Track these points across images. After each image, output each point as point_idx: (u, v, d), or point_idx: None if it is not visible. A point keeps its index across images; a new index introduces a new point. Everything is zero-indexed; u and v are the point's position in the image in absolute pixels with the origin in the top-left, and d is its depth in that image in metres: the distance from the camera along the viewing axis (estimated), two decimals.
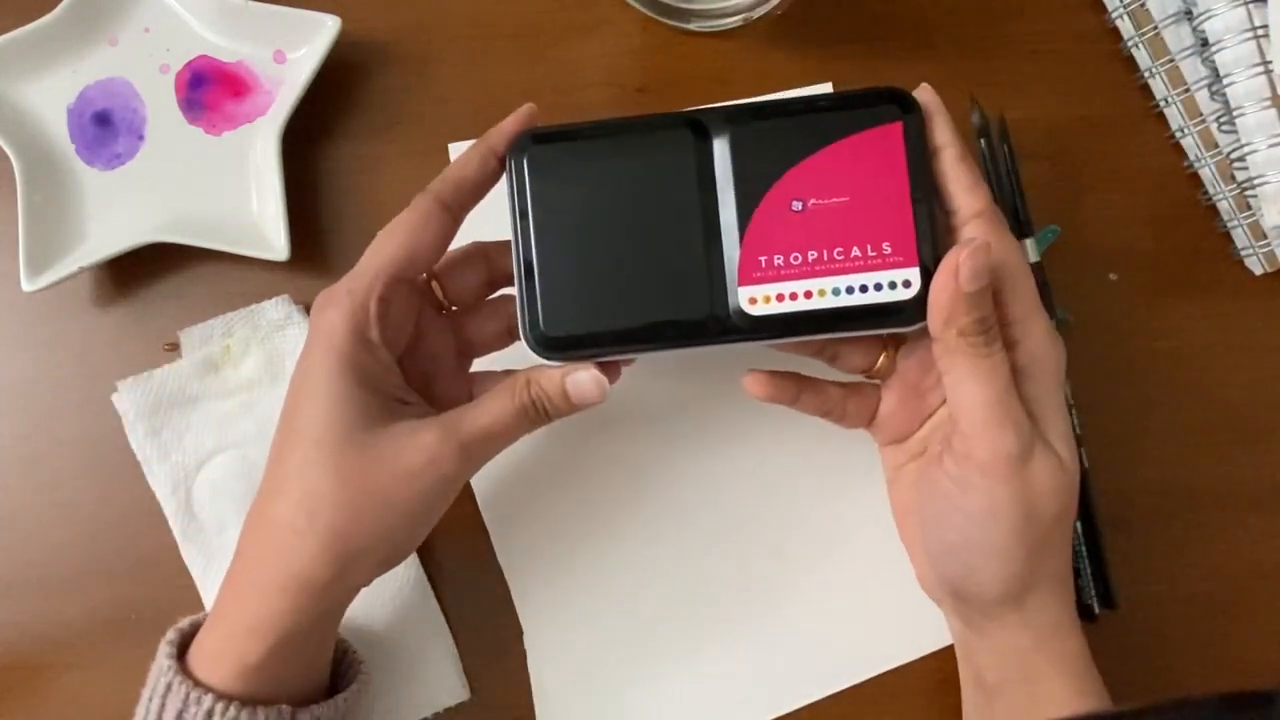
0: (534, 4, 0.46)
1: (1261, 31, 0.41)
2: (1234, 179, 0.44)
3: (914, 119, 0.33)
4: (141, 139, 0.44)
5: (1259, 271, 0.45)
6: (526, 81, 0.46)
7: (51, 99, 0.44)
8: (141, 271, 0.44)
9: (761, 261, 0.33)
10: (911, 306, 0.33)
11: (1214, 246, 0.46)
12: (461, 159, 0.35)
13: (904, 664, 0.42)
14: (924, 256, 0.32)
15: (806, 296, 0.33)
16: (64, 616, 0.43)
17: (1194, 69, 0.44)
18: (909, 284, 0.32)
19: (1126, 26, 0.46)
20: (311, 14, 0.43)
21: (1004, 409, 0.32)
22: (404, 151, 0.45)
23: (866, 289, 0.33)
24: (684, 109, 0.45)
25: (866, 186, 0.32)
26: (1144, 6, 0.45)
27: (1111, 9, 0.46)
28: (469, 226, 0.36)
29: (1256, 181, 0.42)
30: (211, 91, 0.45)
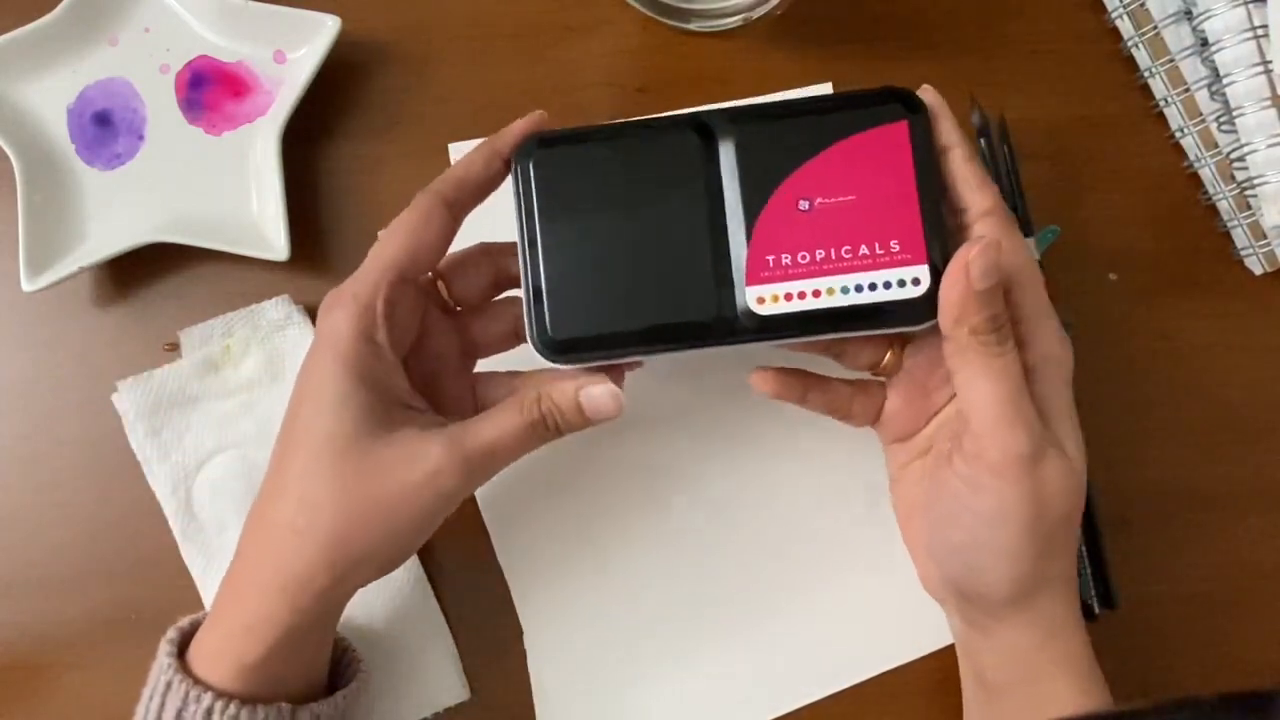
0: (534, 4, 0.46)
1: (1261, 31, 0.41)
2: (1234, 179, 0.44)
3: (919, 118, 0.33)
4: (141, 139, 0.44)
5: (1259, 271, 0.45)
6: (526, 81, 0.46)
7: (51, 99, 0.44)
8: (141, 271, 0.44)
9: (769, 261, 0.33)
10: (921, 304, 0.32)
11: (1214, 246, 0.46)
12: (466, 159, 0.35)
13: (904, 664, 0.42)
14: (932, 254, 0.32)
15: (815, 295, 0.33)
16: (64, 616, 0.43)
17: (1194, 69, 0.44)
18: (918, 281, 0.32)
19: (1126, 26, 0.46)
20: (311, 14, 0.43)
21: (1016, 409, 0.31)
22: (404, 151, 0.45)
23: (875, 287, 0.33)
24: (685, 109, 0.45)
25: (873, 185, 0.32)
26: (1144, 6, 0.45)
27: (1111, 9, 0.46)
28: (474, 227, 0.36)
29: (1256, 181, 0.42)
30: (211, 91, 0.45)
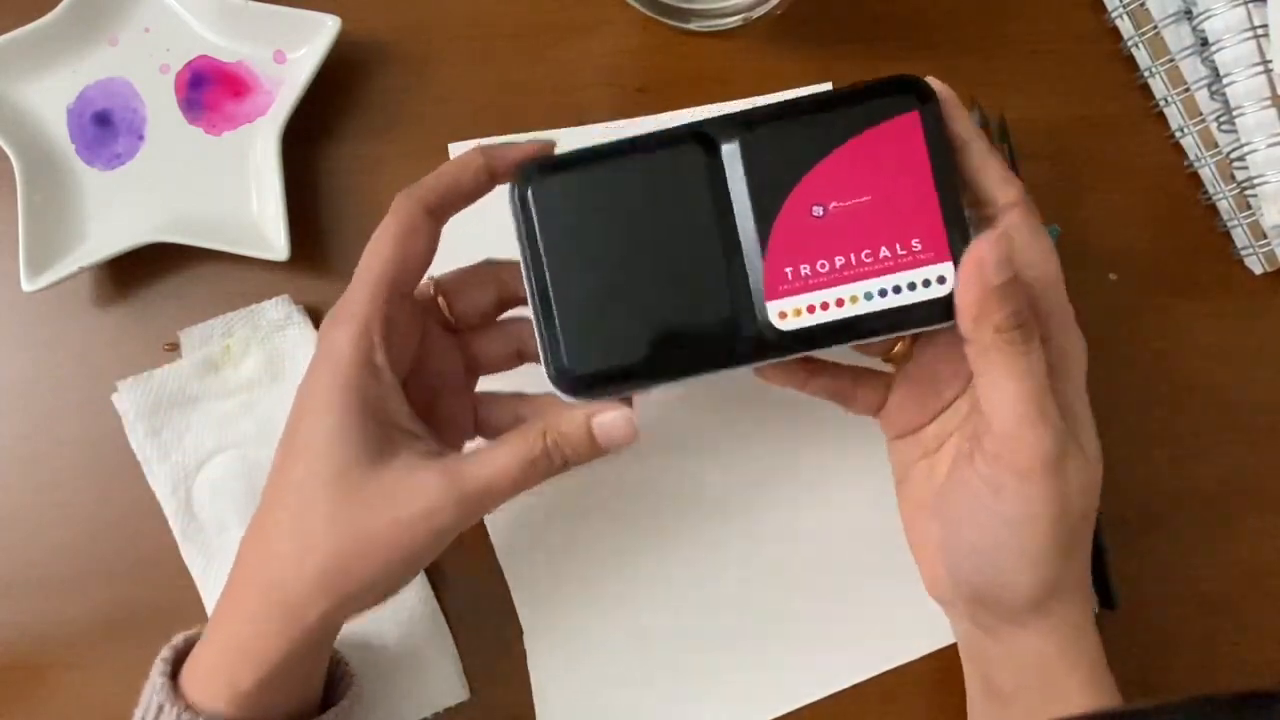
0: (534, 4, 0.46)
1: (1261, 31, 0.41)
2: (1234, 178, 0.44)
3: (930, 107, 0.31)
4: (141, 139, 0.44)
5: (1259, 271, 0.45)
6: (526, 81, 0.46)
7: (51, 99, 0.44)
8: (141, 271, 0.44)
9: (788, 273, 0.31)
10: (949, 303, 0.31)
11: (1214, 246, 0.46)
12: (453, 167, 0.34)
13: (904, 664, 0.42)
14: (956, 249, 0.31)
15: (838, 305, 0.31)
16: (64, 616, 0.43)
17: (1194, 69, 0.44)
18: (943, 280, 0.31)
19: (1126, 26, 0.46)
20: (311, 14, 0.43)
21: (1041, 409, 0.30)
22: (404, 151, 0.45)
23: (900, 290, 0.31)
24: (687, 111, 0.45)
25: (888, 182, 0.31)
26: (1144, 6, 0.45)
27: (1111, 9, 0.46)
28: (468, 235, 0.36)
29: (1256, 181, 0.42)
30: (211, 91, 0.45)
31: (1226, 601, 0.44)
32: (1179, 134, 0.46)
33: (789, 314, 0.31)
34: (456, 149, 0.45)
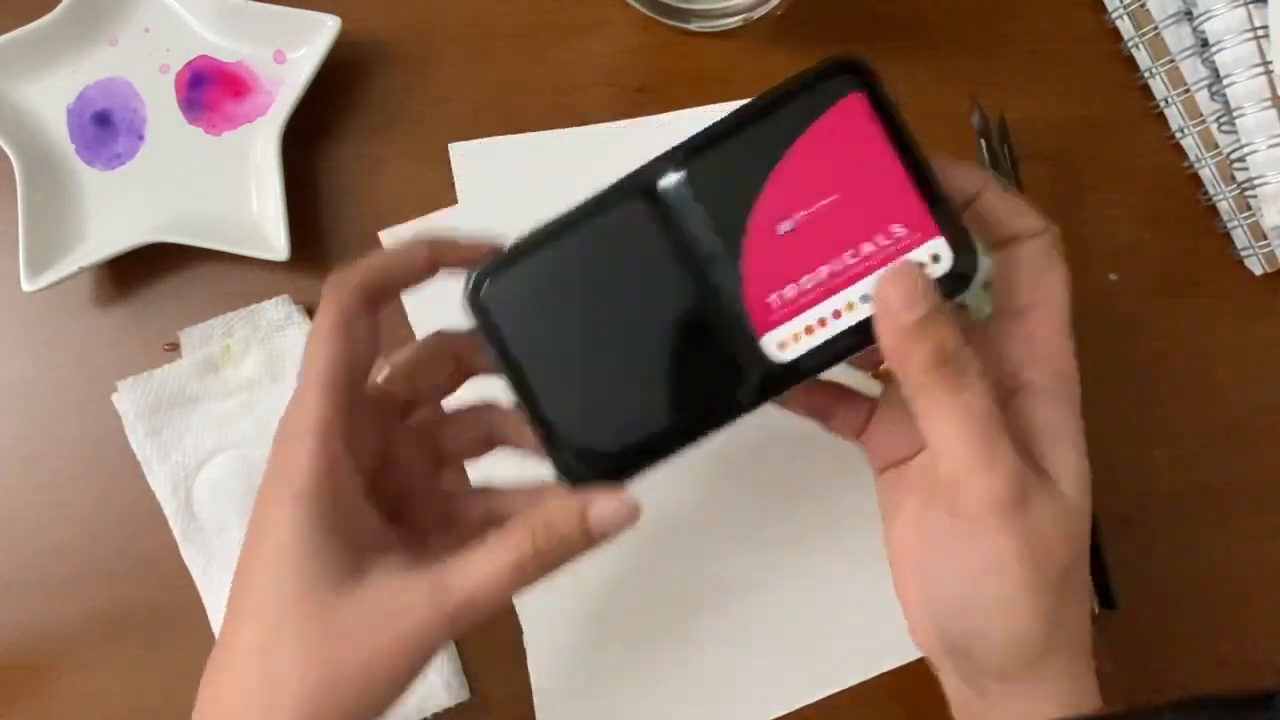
0: (534, 4, 0.46)
1: (1261, 32, 0.41)
2: (1234, 179, 0.44)
3: (873, 83, 0.28)
4: (141, 139, 0.44)
5: (1259, 271, 0.45)
6: (526, 81, 0.46)
7: (51, 99, 0.44)
8: (141, 271, 0.44)
9: (773, 301, 0.29)
10: (950, 279, 0.28)
11: (1214, 246, 0.46)
12: (391, 257, 0.31)
13: (903, 665, 0.42)
14: (942, 221, 0.28)
15: (835, 317, 0.29)
16: (64, 616, 0.43)
17: (1194, 69, 0.44)
18: (938, 257, 0.28)
19: (1126, 27, 0.46)
20: (311, 14, 0.43)
21: (987, 449, 0.27)
22: (404, 151, 0.45)
23: None
24: (689, 111, 0.45)
25: (851, 174, 0.28)
26: (1144, 7, 0.45)
27: (1111, 9, 0.46)
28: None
29: (1256, 182, 0.42)
30: (211, 91, 0.45)
31: (1226, 601, 0.44)
32: (1179, 135, 0.46)
33: (788, 342, 0.29)
34: (456, 149, 0.45)
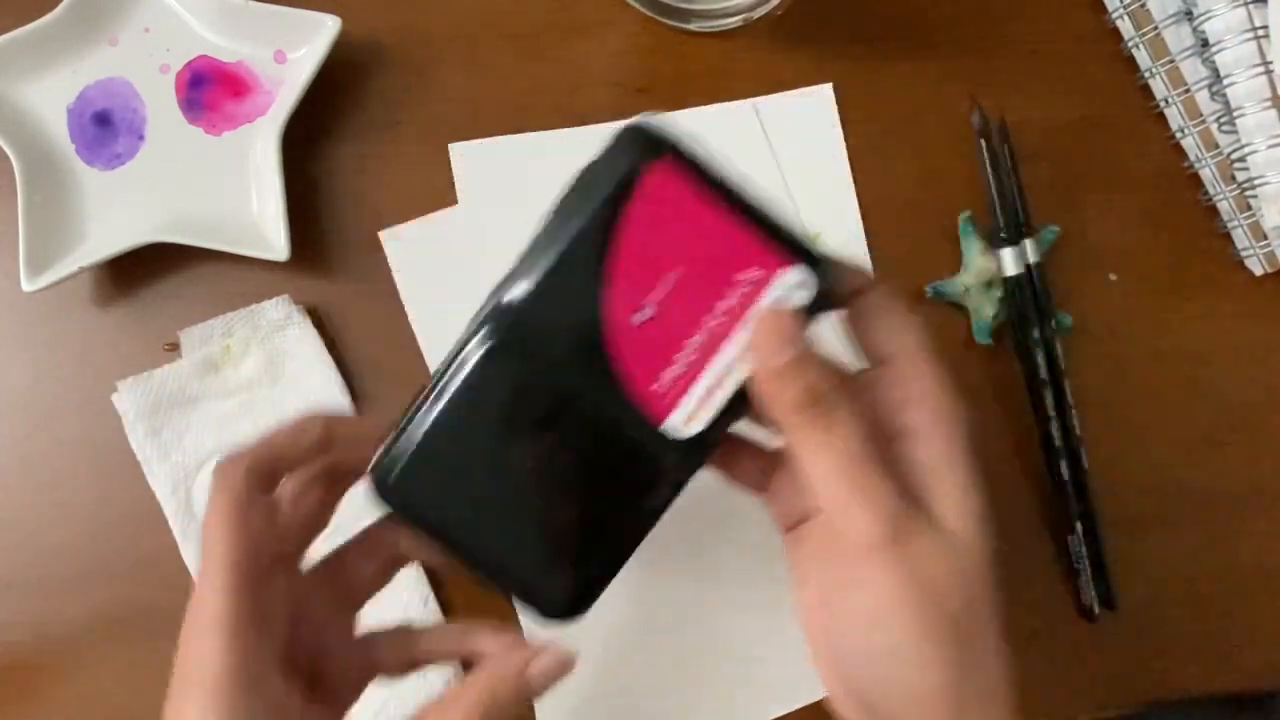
0: (534, 4, 0.46)
1: (1262, 32, 0.41)
2: (1234, 179, 0.44)
3: (671, 143, 0.27)
4: (141, 139, 0.44)
5: (1259, 271, 0.45)
6: (526, 81, 0.46)
7: (51, 99, 0.44)
8: (141, 271, 0.44)
9: (659, 388, 0.28)
10: (820, 297, 0.28)
11: (1214, 247, 0.46)
12: (285, 436, 0.31)
13: None
14: (787, 248, 0.27)
15: (724, 377, 0.28)
16: (64, 616, 0.43)
17: (1194, 69, 0.44)
18: (798, 284, 0.27)
19: (1127, 27, 0.46)
20: (311, 14, 0.43)
21: (860, 484, 0.27)
22: (404, 151, 0.45)
23: None
24: (689, 111, 0.45)
25: (684, 238, 0.27)
26: (1144, 7, 0.45)
27: (1112, 9, 0.46)
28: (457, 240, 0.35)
29: (1257, 182, 0.42)
30: (211, 91, 0.45)
31: (1226, 601, 0.44)
32: (1179, 135, 0.46)
33: (690, 417, 0.28)
34: (456, 149, 0.45)
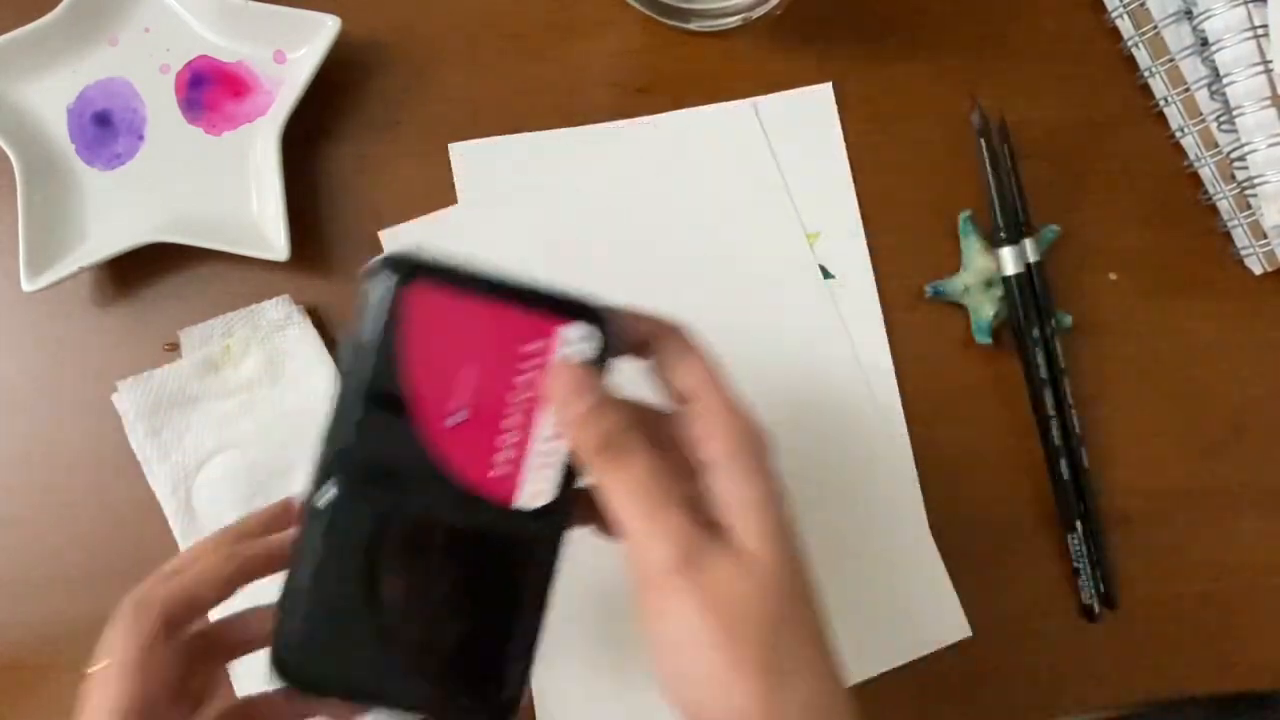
0: (534, 4, 0.46)
1: (1261, 31, 0.41)
2: (1234, 178, 0.44)
3: (418, 262, 0.28)
4: (141, 139, 0.44)
5: (1259, 271, 0.45)
6: (526, 81, 0.46)
7: (51, 99, 0.44)
8: (141, 271, 0.44)
9: (497, 472, 0.29)
10: (607, 345, 0.29)
11: (1214, 246, 0.46)
12: (190, 579, 0.30)
13: (901, 666, 0.42)
14: (557, 311, 0.29)
15: (552, 443, 0.29)
16: (64, 616, 0.43)
17: (1194, 68, 0.44)
18: (581, 338, 0.29)
19: (1126, 26, 0.46)
20: (311, 14, 0.43)
21: (653, 516, 0.27)
22: (404, 151, 0.45)
23: None
24: (681, 109, 0.45)
25: (465, 338, 0.28)
26: (1144, 6, 0.45)
27: (1111, 9, 0.46)
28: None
29: (1256, 181, 0.42)
30: (211, 91, 0.45)
31: (1226, 601, 0.44)
32: (1179, 134, 0.46)
33: (535, 489, 0.29)
34: (456, 149, 0.45)
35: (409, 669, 0.29)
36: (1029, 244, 0.44)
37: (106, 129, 0.44)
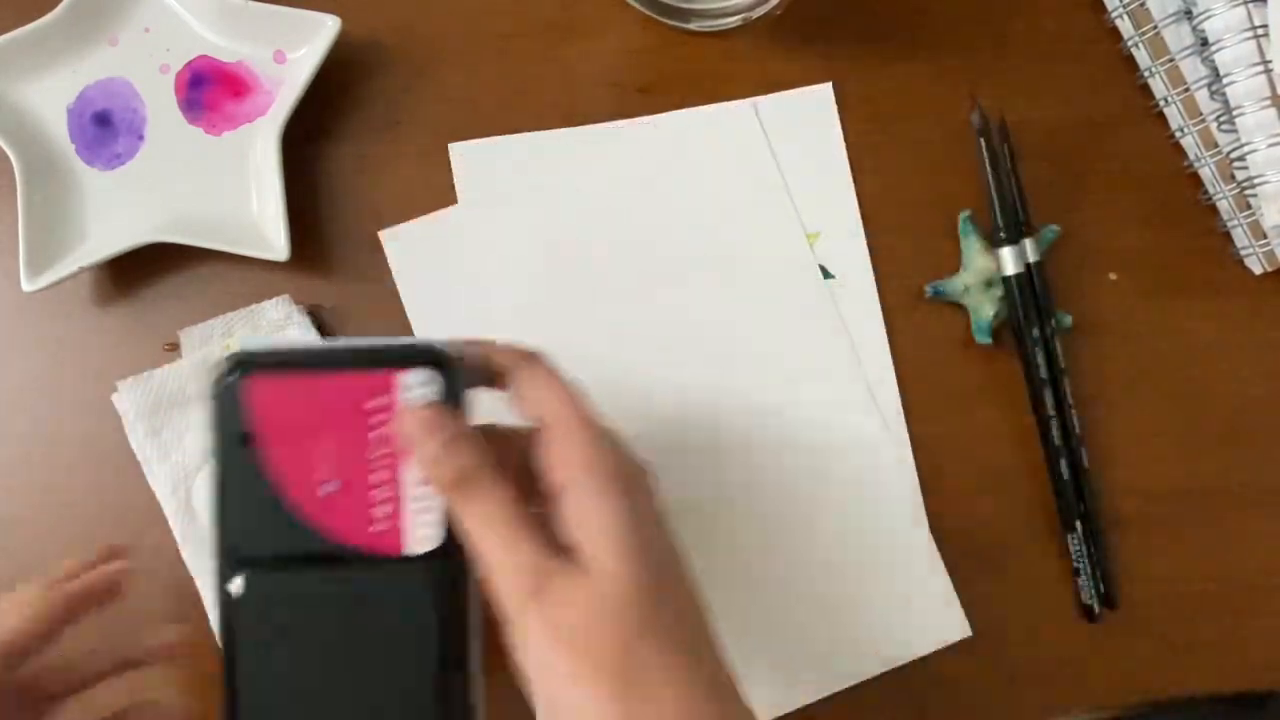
0: (534, 4, 0.46)
1: (1261, 31, 0.41)
2: (1234, 178, 0.44)
3: (246, 359, 0.29)
4: (141, 139, 0.44)
5: (1259, 271, 0.45)
6: (526, 81, 0.46)
7: (51, 99, 0.44)
8: (141, 271, 0.44)
9: (378, 528, 0.30)
10: (450, 388, 0.30)
11: (1214, 246, 0.46)
12: (31, 624, 0.31)
13: (898, 666, 0.42)
14: (396, 361, 0.30)
15: (422, 488, 0.30)
16: None
17: (1194, 68, 0.44)
18: (423, 381, 0.29)
19: (1126, 26, 0.46)
20: (311, 14, 0.44)
21: (503, 547, 0.28)
22: (404, 151, 0.45)
23: None
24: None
25: (312, 414, 0.29)
26: (1144, 6, 0.45)
27: (1111, 9, 0.46)
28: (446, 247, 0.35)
29: (1256, 181, 0.42)
30: (211, 91, 0.45)
31: (1226, 601, 0.44)
32: (1179, 134, 0.46)
33: (419, 533, 0.30)
34: (456, 149, 0.45)
35: None
36: (1029, 244, 0.44)
37: (106, 129, 0.44)
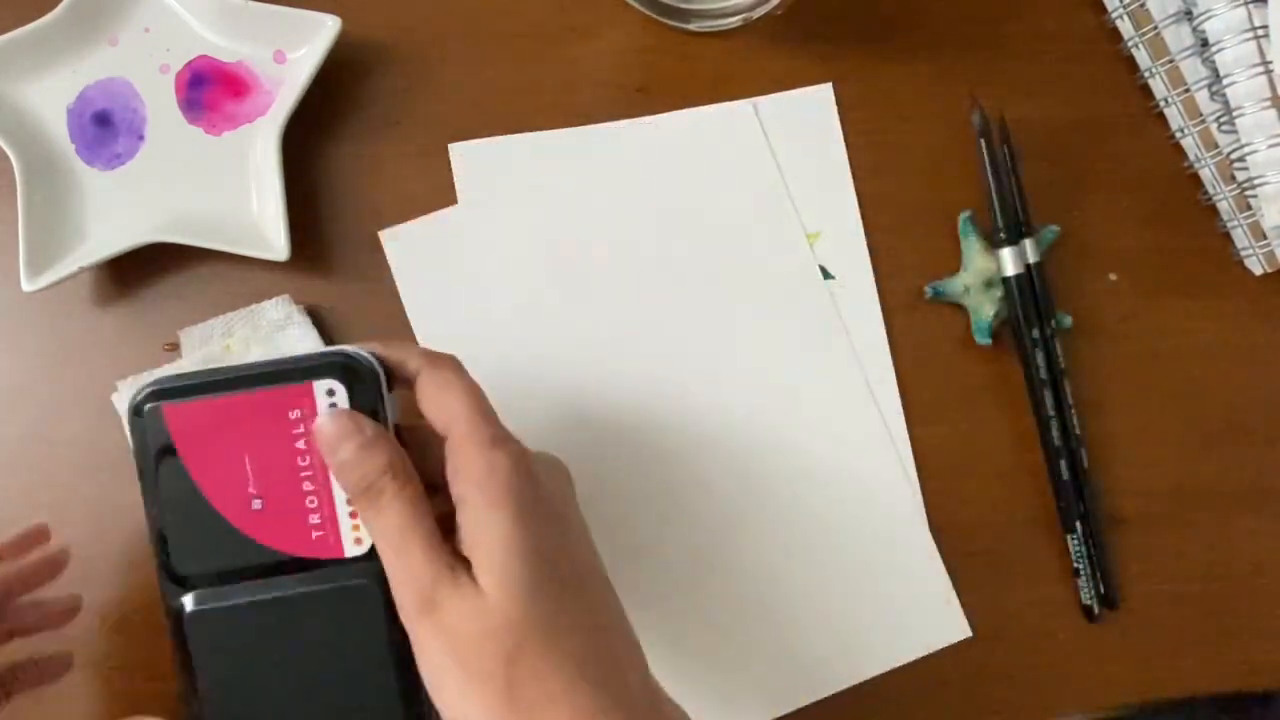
0: (534, 4, 0.46)
1: (1261, 32, 0.41)
2: (1234, 179, 0.44)
3: (156, 391, 0.30)
4: (141, 139, 0.44)
5: (1259, 271, 0.45)
6: (526, 81, 0.46)
7: (51, 99, 0.44)
8: (141, 271, 0.44)
9: (317, 535, 0.30)
10: (364, 396, 0.30)
11: (1214, 246, 0.46)
12: None
13: (898, 666, 0.42)
14: (304, 375, 0.30)
15: (358, 502, 0.30)
16: None
17: (1194, 69, 0.44)
18: (332, 391, 0.30)
19: (1126, 27, 0.46)
20: (311, 14, 0.43)
21: (400, 560, 0.29)
22: (404, 151, 0.45)
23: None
24: (690, 98, 0.45)
25: (233, 434, 0.30)
26: (1144, 7, 0.45)
27: (1111, 9, 0.46)
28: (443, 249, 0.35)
29: (1256, 182, 0.42)
30: (211, 91, 0.45)
31: (1227, 601, 0.44)
32: (1179, 134, 0.46)
33: (355, 536, 0.31)
34: (456, 149, 0.45)
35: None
36: (1029, 244, 0.44)
37: (106, 129, 0.44)
